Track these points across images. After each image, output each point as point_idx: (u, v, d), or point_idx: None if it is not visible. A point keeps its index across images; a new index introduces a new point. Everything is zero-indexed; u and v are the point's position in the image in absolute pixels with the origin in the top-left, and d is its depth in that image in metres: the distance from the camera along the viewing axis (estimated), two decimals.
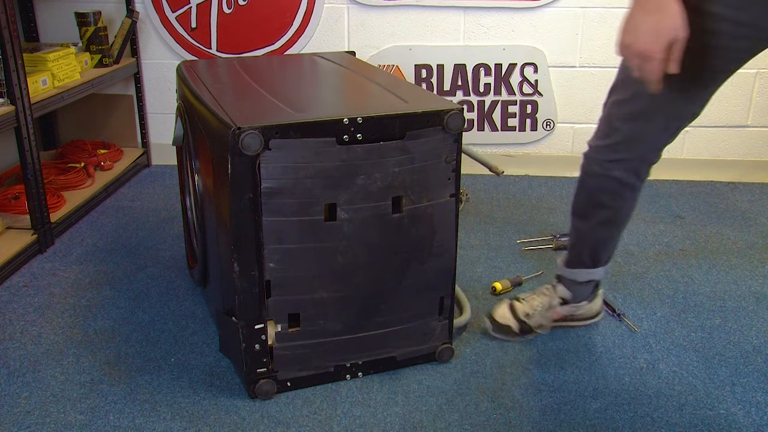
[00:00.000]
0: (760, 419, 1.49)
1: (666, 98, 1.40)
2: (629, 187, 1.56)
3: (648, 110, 1.44)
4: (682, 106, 1.44)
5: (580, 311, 1.78)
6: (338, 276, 1.52)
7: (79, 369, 1.65)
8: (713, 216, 2.56)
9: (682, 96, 1.41)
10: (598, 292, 1.80)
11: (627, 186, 1.55)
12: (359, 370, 1.62)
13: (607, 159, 1.53)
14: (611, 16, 2.76)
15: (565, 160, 2.95)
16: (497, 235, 2.38)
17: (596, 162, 1.56)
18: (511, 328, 1.77)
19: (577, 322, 1.81)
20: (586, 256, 1.68)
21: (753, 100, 2.85)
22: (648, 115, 1.45)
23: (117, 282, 2.06)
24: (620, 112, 1.49)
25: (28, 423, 1.47)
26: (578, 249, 1.69)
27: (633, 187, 1.56)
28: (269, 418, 1.49)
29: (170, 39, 2.88)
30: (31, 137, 2.15)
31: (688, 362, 1.69)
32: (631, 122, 1.47)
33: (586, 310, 1.80)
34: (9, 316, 1.87)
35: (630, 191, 1.56)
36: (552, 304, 1.76)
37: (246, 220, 1.43)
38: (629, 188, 1.56)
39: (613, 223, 1.62)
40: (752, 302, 1.96)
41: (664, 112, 1.44)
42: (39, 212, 2.21)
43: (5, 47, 2.02)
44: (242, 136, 1.36)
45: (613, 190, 1.56)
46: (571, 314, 1.78)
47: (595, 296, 1.80)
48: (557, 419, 1.49)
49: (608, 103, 1.53)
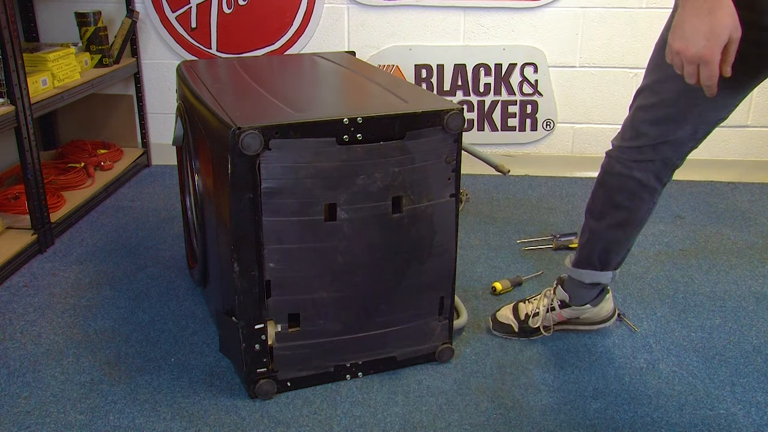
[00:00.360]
0: (760, 419, 1.49)
1: (696, 105, 1.40)
2: (649, 190, 1.55)
3: (677, 116, 1.44)
4: (712, 113, 1.44)
5: (585, 315, 1.76)
6: (338, 276, 1.52)
7: (79, 369, 1.65)
8: (713, 216, 2.56)
9: (713, 103, 1.40)
10: (606, 297, 1.76)
11: (647, 188, 1.55)
12: (359, 370, 1.62)
13: (631, 159, 1.53)
14: (611, 16, 2.76)
15: (565, 160, 2.95)
16: (497, 235, 2.38)
17: (620, 161, 1.55)
18: (511, 327, 1.78)
19: (583, 326, 1.79)
20: (595, 257, 1.66)
21: (753, 100, 2.85)
22: (677, 120, 1.44)
23: (117, 282, 2.06)
24: (647, 117, 1.48)
25: (28, 423, 1.47)
26: (589, 249, 1.67)
27: (653, 190, 1.55)
28: (269, 418, 1.49)
29: (170, 39, 2.89)
30: (31, 137, 2.15)
31: (688, 362, 1.69)
32: (659, 127, 1.47)
33: (592, 315, 1.77)
34: (9, 316, 1.87)
35: (649, 194, 1.56)
36: (553, 306, 1.76)
37: (246, 220, 1.43)
38: (649, 191, 1.55)
39: (627, 225, 1.61)
40: (752, 302, 1.96)
41: (693, 118, 1.44)
42: (39, 212, 2.21)
43: (5, 47, 2.02)
44: (242, 136, 1.36)
45: (632, 191, 1.55)
46: (575, 317, 1.77)
47: (602, 301, 1.76)
48: (557, 419, 1.49)
49: (633, 106, 1.52)
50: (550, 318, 1.76)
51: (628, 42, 2.80)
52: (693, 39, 1.18)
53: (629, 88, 2.86)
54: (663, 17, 3.01)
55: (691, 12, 1.19)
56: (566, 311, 1.76)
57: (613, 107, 2.90)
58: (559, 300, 1.75)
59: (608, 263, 1.67)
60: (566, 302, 1.75)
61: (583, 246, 1.68)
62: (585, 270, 1.69)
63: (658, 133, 1.47)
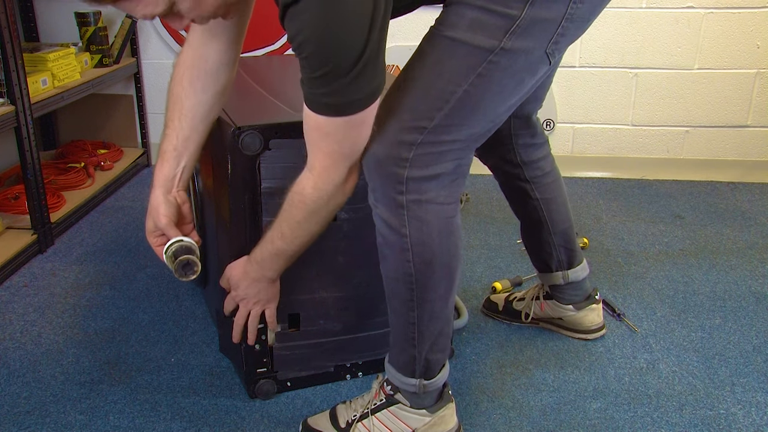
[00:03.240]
0: (760, 419, 1.49)
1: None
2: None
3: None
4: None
5: (567, 317, 1.76)
6: (338, 276, 1.52)
7: (79, 369, 1.65)
8: (713, 216, 2.56)
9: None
10: (591, 306, 1.75)
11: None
12: (359, 370, 1.62)
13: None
14: (611, 16, 2.76)
15: (565, 160, 2.95)
16: (497, 235, 2.38)
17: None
18: (497, 305, 1.85)
19: (566, 331, 1.78)
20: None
21: (753, 100, 2.85)
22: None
23: (117, 282, 2.06)
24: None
25: (28, 423, 1.47)
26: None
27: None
28: (269, 418, 1.49)
29: (170, 39, 2.88)
30: (31, 137, 2.15)
31: (688, 362, 1.69)
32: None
33: (574, 320, 1.76)
34: (9, 316, 1.87)
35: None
36: (539, 295, 1.79)
37: (246, 220, 1.43)
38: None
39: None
40: (752, 302, 1.96)
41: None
42: (39, 212, 2.21)
43: (5, 47, 2.02)
44: (242, 136, 1.35)
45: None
46: (557, 317, 1.77)
47: (586, 308, 1.74)
48: (557, 419, 1.49)
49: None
50: (533, 306, 1.78)
51: (628, 42, 2.80)
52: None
53: (629, 88, 2.86)
54: (663, 17, 3.02)
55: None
56: (548, 304, 1.77)
57: (613, 107, 2.90)
58: (545, 291, 1.78)
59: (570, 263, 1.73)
60: (550, 294, 1.77)
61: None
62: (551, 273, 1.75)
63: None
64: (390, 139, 1.15)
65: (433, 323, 1.29)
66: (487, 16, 1.12)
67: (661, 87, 2.85)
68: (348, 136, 1.12)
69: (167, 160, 1.33)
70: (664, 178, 2.94)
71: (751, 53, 2.78)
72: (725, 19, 2.74)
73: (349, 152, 1.14)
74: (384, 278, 1.30)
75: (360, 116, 1.08)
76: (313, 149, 1.14)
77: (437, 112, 1.16)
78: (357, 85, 1.03)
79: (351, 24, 0.98)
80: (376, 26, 1.00)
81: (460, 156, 1.21)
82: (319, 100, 1.06)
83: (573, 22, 1.17)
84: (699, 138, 2.92)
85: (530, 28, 1.13)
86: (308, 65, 1.02)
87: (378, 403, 1.38)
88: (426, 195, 1.20)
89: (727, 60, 2.80)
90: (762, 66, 2.79)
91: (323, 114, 1.07)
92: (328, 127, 1.09)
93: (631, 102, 2.88)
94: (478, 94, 1.16)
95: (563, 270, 1.70)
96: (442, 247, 1.24)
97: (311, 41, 0.99)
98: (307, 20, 0.97)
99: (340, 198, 1.20)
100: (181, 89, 1.33)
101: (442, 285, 1.27)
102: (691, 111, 2.88)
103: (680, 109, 2.88)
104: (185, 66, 1.32)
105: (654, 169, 2.95)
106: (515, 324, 1.83)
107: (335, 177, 1.15)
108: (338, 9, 0.96)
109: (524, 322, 1.80)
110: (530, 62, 1.17)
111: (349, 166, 1.16)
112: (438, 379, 1.34)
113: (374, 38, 1.01)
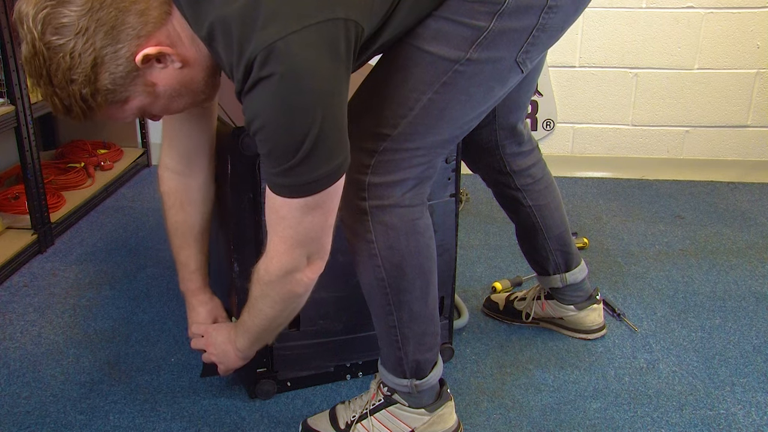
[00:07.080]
0: (760, 419, 1.49)
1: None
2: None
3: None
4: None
5: (568, 317, 1.76)
6: (338, 276, 1.52)
7: (79, 369, 1.65)
8: (713, 216, 2.56)
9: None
10: (593, 306, 1.75)
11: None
12: (359, 370, 1.62)
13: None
14: (611, 16, 2.77)
15: (565, 160, 2.95)
16: (497, 235, 2.38)
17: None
18: (497, 305, 1.85)
19: (567, 331, 1.78)
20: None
21: (753, 100, 2.85)
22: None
23: (117, 282, 2.06)
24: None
25: (28, 423, 1.47)
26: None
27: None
28: (269, 418, 1.49)
29: None
30: (31, 137, 2.15)
31: (688, 362, 1.69)
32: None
33: (575, 320, 1.76)
34: (9, 316, 1.87)
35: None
36: (540, 295, 1.78)
37: (246, 220, 1.43)
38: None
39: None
40: (752, 302, 1.96)
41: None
42: (39, 212, 2.21)
43: (5, 47, 2.02)
44: (242, 136, 1.35)
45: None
46: (558, 317, 1.77)
47: (587, 308, 1.75)
48: (557, 419, 1.49)
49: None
50: (534, 306, 1.78)
51: (628, 42, 2.80)
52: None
53: (629, 88, 2.86)
54: (663, 17, 3.02)
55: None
56: (549, 304, 1.77)
57: (613, 107, 2.90)
58: (546, 291, 1.77)
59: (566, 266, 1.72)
60: (551, 294, 1.76)
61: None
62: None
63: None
64: (352, 145, 1.11)
65: (414, 324, 1.28)
66: (453, 27, 1.11)
67: (661, 87, 2.85)
68: (303, 221, 1.07)
69: (196, 282, 1.50)
70: (664, 178, 2.94)
71: (751, 53, 2.78)
72: (725, 19, 2.74)
73: (305, 240, 1.10)
74: (360, 284, 1.30)
75: (315, 200, 1.05)
76: (270, 231, 1.12)
77: (401, 119, 1.16)
78: (307, 166, 1.01)
79: (298, 107, 0.97)
80: (331, 108, 0.99)
81: (425, 162, 1.20)
82: (273, 180, 1.05)
83: (545, 31, 1.16)
84: (699, 138, 2.92)
85: (498, 38, 1.12)
86: (259, 144, 1.02)
87: (376, 403, 1.38)
88: (389, 200, 1.19)
89: (727, 60, 2.80)
90: (762, 66, 2.79)
91: (278, 194, 1.06)
92: (283, 210, 1.07)
93: (631, 102, 2.88)
94: (443, 102, 1.15)
95: (561, 273, 1.71)
96: (410, 248, 1.23)
97: (259, 121, 0.99)
98: (259, 104, 0.98)
99: (297, 288, 1.16)
100: (184, 215, 1.45)
101: (416, 286, 1.25)
102: (691, 111, 2.88)
103: (680, 109, 2.88)
104: (175, 193, 1.42)
105: (654, 169, 2.95)
106: (515, 324, 1.83)
107: (287, 264, 1.12)
108: (287, 93, 0.96)
109: (525, 322, 1.80)
110: (499, 71, 1.16)
111: (306, 255, 1.12)
112: (430, 378, 1.34)
113: (328, 119, 0.99)
